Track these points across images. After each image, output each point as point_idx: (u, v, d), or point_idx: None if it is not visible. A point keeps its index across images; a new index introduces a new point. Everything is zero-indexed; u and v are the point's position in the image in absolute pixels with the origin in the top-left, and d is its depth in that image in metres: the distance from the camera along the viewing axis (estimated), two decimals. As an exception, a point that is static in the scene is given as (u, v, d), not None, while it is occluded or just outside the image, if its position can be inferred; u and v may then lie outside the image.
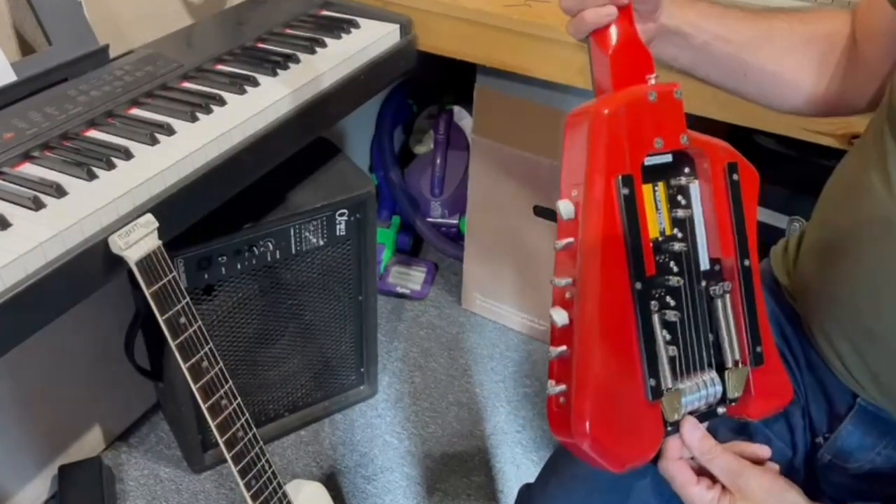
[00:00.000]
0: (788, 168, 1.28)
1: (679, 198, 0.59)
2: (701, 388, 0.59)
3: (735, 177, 0.60)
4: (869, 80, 0.72)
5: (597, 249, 0.55)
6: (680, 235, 0.59)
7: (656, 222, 0.58)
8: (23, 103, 0.94)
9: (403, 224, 1.92)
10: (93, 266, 0.79)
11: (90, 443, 1.41)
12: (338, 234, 1.30)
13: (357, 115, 1.37)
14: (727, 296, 0.60)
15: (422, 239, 1.93)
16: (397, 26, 1.24)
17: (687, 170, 0.60)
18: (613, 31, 0.59)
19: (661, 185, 0.58)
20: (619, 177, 0.55)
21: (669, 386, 0.57)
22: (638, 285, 0.55)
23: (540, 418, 1.54)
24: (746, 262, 0.60)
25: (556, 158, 1.55)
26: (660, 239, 0.58)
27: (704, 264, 0.60)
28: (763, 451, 0.61)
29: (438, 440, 1.50)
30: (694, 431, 0.58)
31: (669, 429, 0.59)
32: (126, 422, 1.48)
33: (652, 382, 0.56)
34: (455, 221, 1.88)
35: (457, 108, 1.90)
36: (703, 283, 0.59)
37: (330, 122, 1.19)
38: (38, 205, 0.79)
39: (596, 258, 0.55)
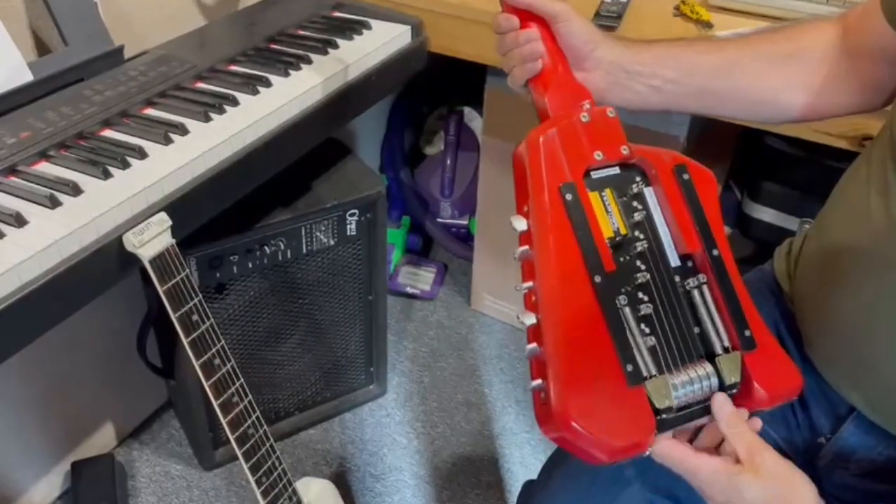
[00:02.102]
0: (799, 170, 1.28)
1: (635, 203, 0.64)
2: (694, 381, 0.60)
3: (685, 176, 0.65)
4: (867, 87, 0.72)
5: (550, 251, 0.60)
6: (641, 236, 0.63)
7: (608, 223, 0.63)
8: (39, 103, 0.95)
9: (413, 224, 1.92)
10: (107, 264, 0.80)
11: (102, 440, 1.42)
12: (348, 233, 1.31)
13: (368, 115, 1.38)
14: (704, 287, 0.63)
15: (431, 239, 1.93)
16: (408, 27, 1.24)
17: (638, 178, 0.65)
18: (546, 76, 0.70)
19: (608, 191, 0.64)
20: (561, 185, 0.62)
21: (653, 373, 0.59)
22: (597, 279, 0.60)
23: (549, 419, 1.54)
24: (715, 252, 0.63)
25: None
26: (617, 238, 0.62)
27: (674, 261, 0.63)
28: (755, 422, 0.61)
29: (447, 440, 1.50)
30: (725, 405, 0.58)
31: (663, 416, 0.59)
32: (138, 419, 1.49)
33: (629, 368, 0.59)
34: (465, 222, 1.89)
35: (467, 109, 1.90)
36: (677, 279, 0.63)
37: (341, 122, 1.20)
38: (54, 203, 0.80)
39: (550, 259, 0.60)
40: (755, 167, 1.55)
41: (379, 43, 1.19)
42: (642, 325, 0.60)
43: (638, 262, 0.62)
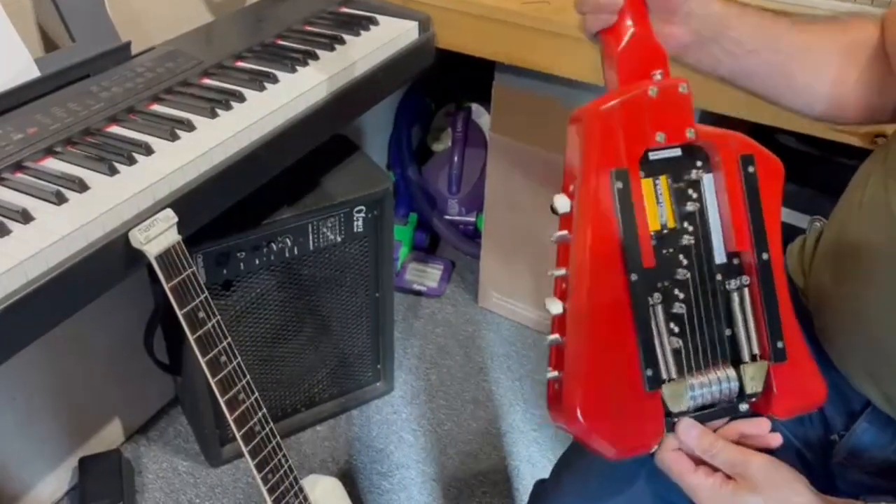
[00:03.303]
0: (810, 167, 1.26)
1: (690, 191, 0.59)
2: (713, 383, 0.59)
3: (750, 169, 0.59)
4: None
5: (589, 241, 0.56)
6: (690, 229, 0.59)
7: (657, 215, 0.58)
8: (46, 99, 0.95)
9: (420, 221, 1.92)
10: (113, 260, 0.80)
11: (110, 436, 1.42)
12: (355, 230, 1.31)
13: (375, 112, 1.37)
14: (745, 290, 0.60)
15: (439, 236, 1.93)
16: (416, 23, 1.24)
17: (699, 163, 0.60)
18: (621, 30, 0.60)
19: (662, 179, 0.59)
20: (613, 171, 0.56)
21: (673, 377, 0.58)
22: (633, 277, 0.56)
23: (556, 417, 1.54)
24: (765, 256, 0.59)
25: (575, 156, 1.55)
26: (663, 231, 0.58)
27: (720, 258, 0.60)
28: (774, 439, 0.60)
29: (454, 437, 1.50)
30: (689, 430, 0.58)
31: (675, 420, 0.59)
32: (145, 415, 1.49)
33: (649, 372, 0.57)
34: (472, 219, 1.88)
35: (475, 106, 1.90)
36: (719, 277, 0.59)
37: (348, 119, 1.20)
38: (60, 199, 0.80)
39: (588, 249, 0.56)
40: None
41: (386, 39, 1.19)
42: (672, 325, 0.58)
43: (681, 257, 0.59)
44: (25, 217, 0.77)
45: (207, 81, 1.05)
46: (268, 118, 0.98)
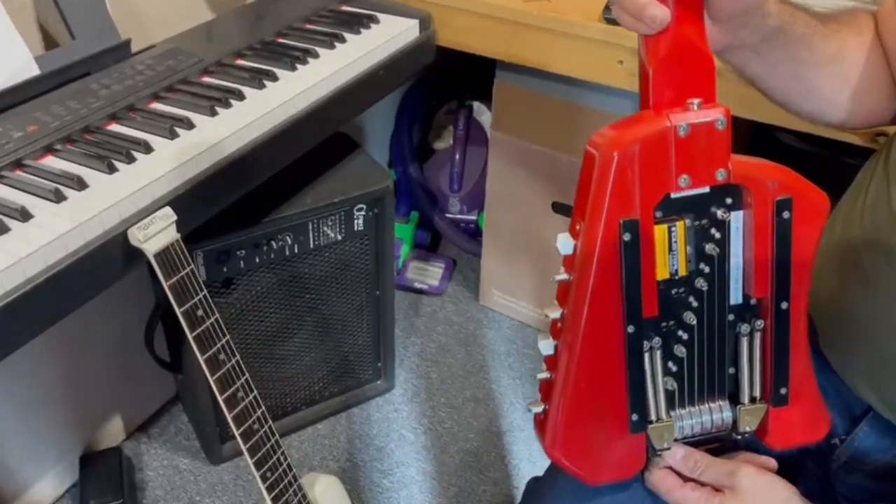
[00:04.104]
0: (811, 166, 1.26)
1: (713, 231, 0.54)
2: (703, 415, 0.58)
3: (786, 215, 0.53)
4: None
5: (589, 290, 0.53)
6: (706, 271, 0.55)
7: (667, 265, 0.54)
8: (46, 97, 0.95)
9: (422, 219, 1.92)
10: (112, 258, 0.80)
11: (111, 433, 1.42)
12: (356, 228, 1.31)
13: (376, 110, 1.37)
14: (756, 335, 0.57)
15: (440, 234, 1.93)
16: (416, 21, 1.24)
17: (729, 200, 0.54)
18: (664, 38, 0.51)
19: (679, 226, 0.54)
20: (622, 221, 0.51)
21: (662, 417, 0.57)
22: (630, 329, 0.54)
23: (556, 415, 1.54)
24: (784, 306, 0.55)
25: (576, 154, 1.55)
26: (675, 278, 0.55)
27: (736, 299, 0.56)
28: (769, 463, 0.61)
29: (454, 436, 1.50)
30: (676, 451, 0.59)
31: (659, 455, 0.59)
32: (146, 413, 1.49)
33: (634, 417, 0.57)
34: (473, 217, 1.88)
35: (476, 104, 1.89)
36: (731, 318, 0.57)
37: (349, 117, 1.20)
38: (59, 197, 0.80)
39: (586, 299, 0.53)
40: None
41: (387, 37, 1.19)
42: (670, 365, 0.56)
43: (691, 299, 0.55)
44: (24, 215, 0.77)
45: (207, 79, 1.05)
46: (267, 116, 0.98)
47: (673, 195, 0.53)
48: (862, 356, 0.69)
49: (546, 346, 0.57)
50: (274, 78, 1.05)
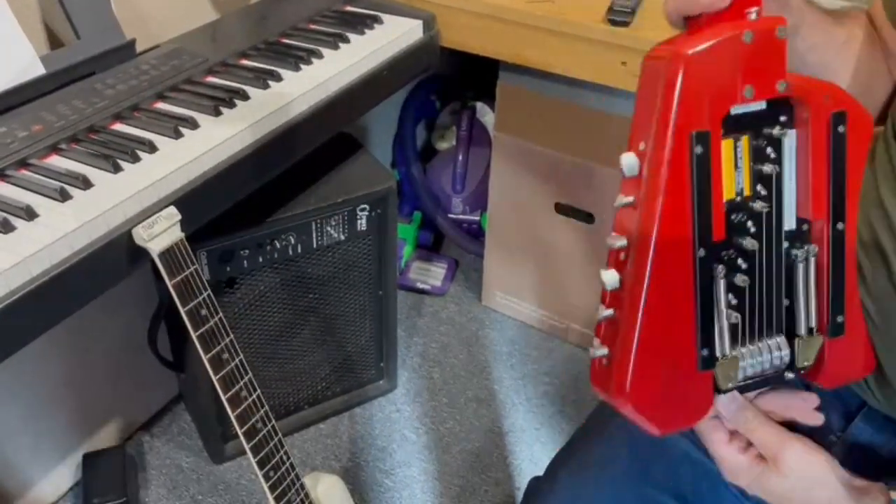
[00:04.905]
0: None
1: (769, 150, 0.53)
2: (763, 353, 0.55)
3: (840, 129, 0.52)
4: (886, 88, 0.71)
5: (658, 211, 0.50)
6: (763, 193, 0.53)
7: (733, 182, 0.52)
8: (51, 96, 0.96)
9: (425, 220, 1.92)
10: (117, 257, 0.81)
11: (114, 432, 1.43)
12: (359, 229, 1.31)
13: (380, 110, 1.37)
14: (811, 260, 0.55)
15: (443, 235, 1.93)
16: (420, 22, 1.24)
17: (784, 118, 0.52)
18: (726, 16, 0.50)
19: (744, 140, 0.52)
20: (694, 133, 0.49)
21: (727, 353, 0.54)
22: (701, 252, 0.51)
23: (559, 417, 1.54)
24: (840, 226, 0.54)
25: (579, 155, 1.55)
26: (737, 199, 0.53)
27: (790, 224, 0.54)
28: (817, 418, 0.59)
29: (456, 436, 1.50)
30: (730, 404, 0.56)
31: (719, 398, 0.56)
32: (149, 412, 1.50)
33: (704, 353, 0.53)
34: (476, 218, 1.88)
35: (479, 105, 1.90)
36: (786, 245, 0.55)
37: (352, 117, 1.20)
38: (64, 196, 0.80)
39: (655, 221, 0.50)
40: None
41: (390, 38, 1.19)
42: (731, 297, 0.54)
43: (750, 224, 0.53)
44: (30, 214, 0.78)
45: (212, 79, 1.05)
46: (271, 117, 0.98)
47: (733, 111, 0.51)
48: None
49: (610, 278, 0.52)
50: (278, 78, 1.05)
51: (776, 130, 0.52)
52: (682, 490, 0.74)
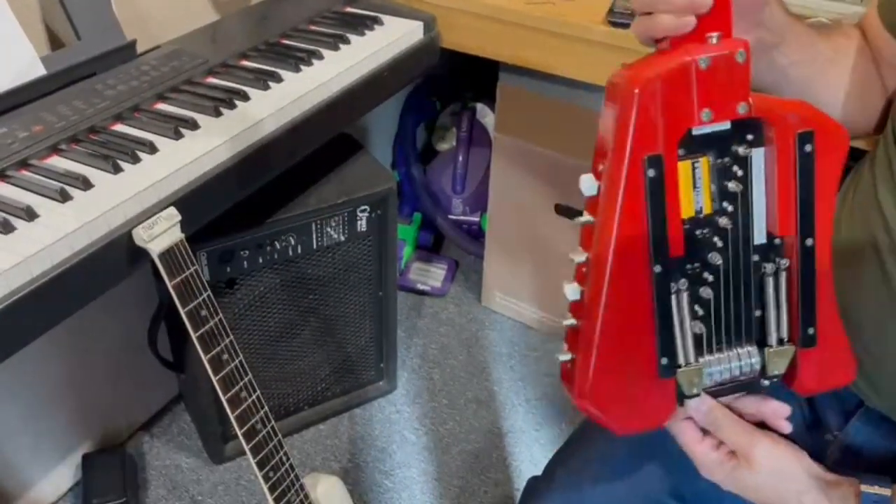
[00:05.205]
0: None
1: (735, 168, 0.54)
2: (732, 360, 0.57)
3: (807, 148, 0.53)
4: (883, 96, 0.72)
5: (614, 230, 0.52)
6: (730, 210, 0.55)
7: (692, 201, 0.54)
8: (52, 97, 0.96)
9: (425, 221, 1.92)
10: (117, 258, 0.81)
11: (114, 432, 1.43)
12: (359, 229, 1.31)
13: (380, 111, 1.37)
14: (782, 274, 0.56)
15: (443, 236, 1.93)
16: (421, 23, 1.24)
17: (750, 137, 0.54)
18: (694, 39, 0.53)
19: (703, 161, 0.53)
20: (646, 157, 0.51)
21: (690, 361, 0.56)
22: (657, 268, 0.53)
23: (558, 417, 1.54)
24: (809, 242, 0.55)
25: (579, 157, 1.55)
26: (698, 217, 0.55)
27: (760, 238, 0.56)
28: (783, 409, 0.60)
29: (456, 437, 1.50)
30: (700, 406, 0.59)
31: (689, 401, 0.58)
32: (149, 412, 1.50)
33: (664, 361, 0.56)
34: (476, 219, 1.88)
35: (479, 106, 1.90)
36: (756, 258, 0.56)
37: (353, 118, 1.20)
38: (64, 197, 0.80)
39: (610, 239, 0.53)
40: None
41: (391, 39, 1.19)
42: (696, 308, 0.56)
43: (716, 240, 0.55)
44: (30, 214, 0.78)
45: (212, 80, 1.05)
46: (272, 118, 0.98)
47: (695, 132, 0.53)
48: (856, 353, 0.70)
49: (572, 291, 0.55)
50: (278, 79, 1.05)
51: (742, 149, 0.53)
52: (681, 490, 0.75)
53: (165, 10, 1.18)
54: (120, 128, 0.94)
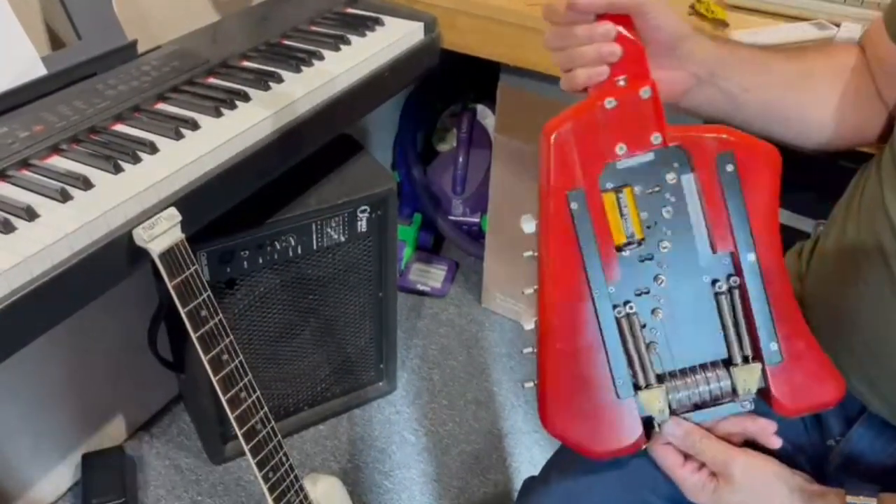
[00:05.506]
0: (814, 171, 1.26)
1: (667, 195, 0.58)
2: (700, 385, 0.59)
3: (729, 168, 0.57)
4: (884, 110, 0.72)
5: (549, 261, 0.58)
6: (668, 233, 0.58)
7: (621, 229, 0.58)
8: (52, 97, 0.96)
9: (425, 221, 1.92)
10: (117, 258, 0.81)
11: (113, 432, 1.43)
12: (359, 230, 1.31)
13: (380, 112, 1.38)
14: (735, 292, 0.59)
15: (443, 237, 1.93)
16: (421, 24, 1.24)
17: (676, 164, 0.58)
18: (611, 87, 0.59)
19: (626, 192, 0.58)
20: (568, 192, 0.57)
21: (651, 382, 0.59)
22: (596, 293, 0.58)
23: (558, 418, 1.54)
24: (750, 258, 0.58)
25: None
26: (631, 243, 0.59)
27: (705, 260, 0.59)
28: (769, 426, 0.61)
29: (456, 438, 1.50)
30: (674, 429, 0.60)
31: (667, 417, 0.60)
32: (148, 412, 1.50)
33: (619, 381, 0.59)
34: (476, 220, 1.88)
35: (480, 107, 1.90)
36: (706, 279, 0.59)
37: (353, 119, 1.20)
38: (65, 197, 0.80)
39: (548, 269, 0.58)
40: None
41: (391, 40, 1.19)
42: (653, 330, 0.59)
43: (658, 264, 0.59)
44: (30, 214, 0.78)
45: (213, 81, 1.06)
46: (272, 118, 0.98)
47: (618, 165, 0.58)
48: (857, 355, 0.70)
49: (528, 322, 0.61)
50: (279, 80, 1.05)
51: (671, 176, 0.58)
52: (675, 494, 0.74)
53: (166, 10, 1.18)
54: (120, 128, 0.94)
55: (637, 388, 0.59)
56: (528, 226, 0.60)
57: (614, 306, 0.58)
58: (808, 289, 0.78)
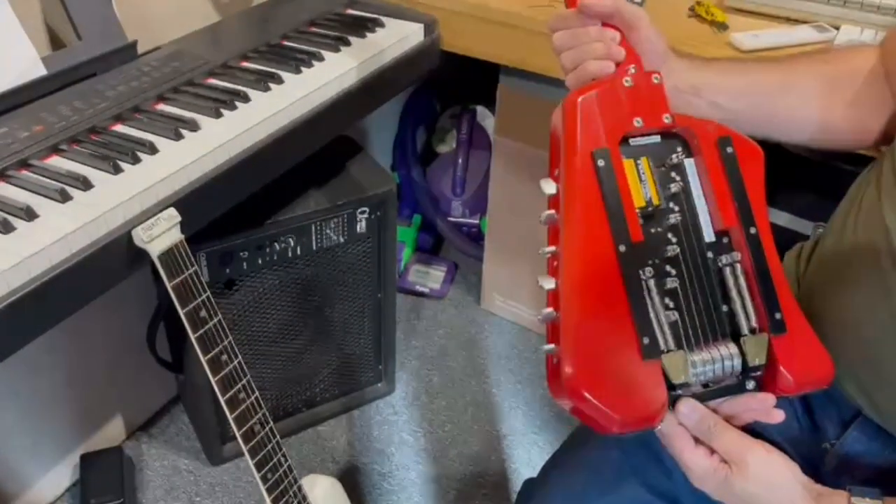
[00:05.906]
0: (814, 173, 1.26)
1: (673, 174, 0.62)
2: (715, 360, 0.59)
3: (729, 150, 0.62)
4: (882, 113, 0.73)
5: (576, 216, 0.60)
6: (676, 208, 0.62)
7: (640, 192, 0.61)
8: (52, 97, 0.96)
9: (424, 223, 1.92)
10: (116, 258, 0.81)
11: (112, 432, 1.43)
12: (358, 231, 1.31)
13: (380, 113, 1.38)
14: (737, 265, 0.61)
15: (442, 238, 1.93)
16: (422, 26, 1.24)
17: (679, 148, 0.63)
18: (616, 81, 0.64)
19: (644, 160, 0.62)
20: (595, 150, 0.60)
21: (672, 347, 0.58)
22: (622, 248, 0.59)
23: (557, 420, 1.54)
24: (752, 230, 0.61)
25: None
26: (649, 209, 0.61)
27: (709, 236, 0.62)
28: (777, 415, 0.61)
29: (455, 439, 1.50)
30: (690, 414, 0.59)
31: (679, 393, 0.59)
32: (147, 412, 1.50)
33: (645, 340, 0.58)
34: (476, 221, 1.88)
35: (479, 108, 1.90)
36: (710, 255, 0.61)
37: (353, 120, 1.20)
38: (64, 197, 0.80)
39: (575, 224, 0.60)
40: (770, 170, 1.53)
41: (392, 41, 1.19)
42: (666, 300, 0.59)
43: (669, 235, 0.61)
44: (29, 214, 0.78)
45: (212, 81, 1.06)
46: (272, 119, 0.98)
47: (631, 141, 0.62)
48: (851, 360, 0.70)
49: (548, 282, 0.60)
50: (279, 80, 1.05)
51: (675, 158, 0.62)
52: (675, 493, 0.75)
53: (166, 11, 1.18)
54: (120, 128, 0.94)
55: (660, 350, 0.58)
56: (549, 187, 0.62)
57: (637, 266, 0.59)
58: (806, 291, 0.78)
